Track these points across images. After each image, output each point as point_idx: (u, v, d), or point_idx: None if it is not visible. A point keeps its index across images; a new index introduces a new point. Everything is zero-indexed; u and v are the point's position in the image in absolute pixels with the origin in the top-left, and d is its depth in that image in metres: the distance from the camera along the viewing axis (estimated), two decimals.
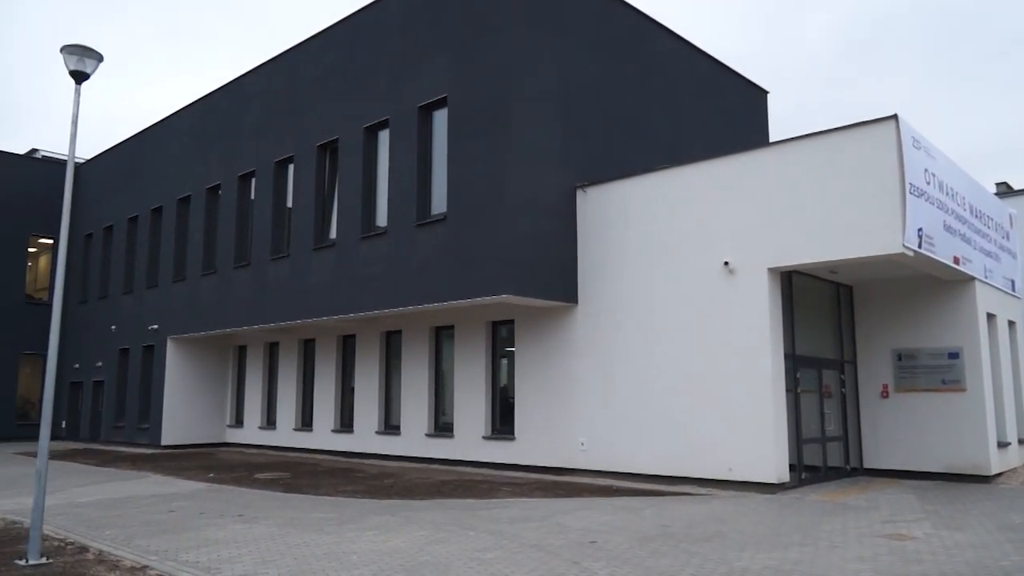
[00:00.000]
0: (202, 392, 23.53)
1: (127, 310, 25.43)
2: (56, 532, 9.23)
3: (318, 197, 18.48)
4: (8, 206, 28.43)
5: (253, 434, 22.63)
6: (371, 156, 17.22)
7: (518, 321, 15.76)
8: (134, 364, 24.59)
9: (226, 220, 21.44)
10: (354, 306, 16.84)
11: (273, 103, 20.34)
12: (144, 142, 26.00)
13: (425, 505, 11.32)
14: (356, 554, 7.86)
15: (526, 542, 8.38)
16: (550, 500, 11.68)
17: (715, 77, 19.72)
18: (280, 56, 20.32)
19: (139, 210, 25.37)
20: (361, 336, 19.37)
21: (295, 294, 18.55)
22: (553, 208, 14.69)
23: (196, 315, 22.07)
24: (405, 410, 17.87)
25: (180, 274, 23.12)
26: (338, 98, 18.12)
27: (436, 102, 15.64)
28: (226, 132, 21.95)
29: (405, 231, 15.81)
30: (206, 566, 7.40)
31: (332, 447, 19.67)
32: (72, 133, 8.95)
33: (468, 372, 16.58)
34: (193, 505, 11.64)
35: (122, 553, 8.05)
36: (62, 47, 8.68)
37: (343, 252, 17.32)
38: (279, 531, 9.25)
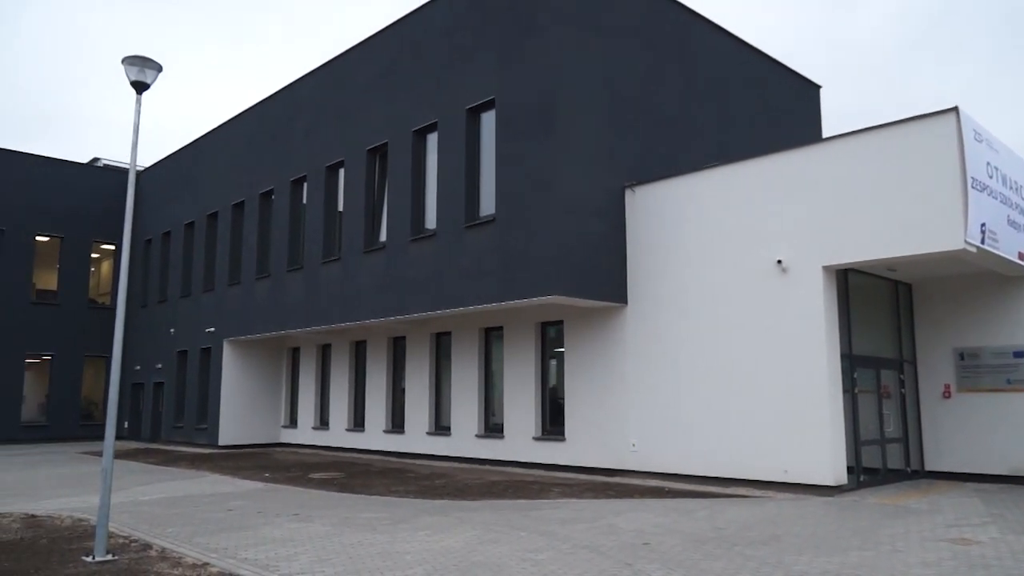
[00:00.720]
0: (257, 393, 24.05)
1: (185, 313, 26.14)
2: (121, 529, 9.51)
3: (368, 200, 18.73)
4: (72, 214, 29.47)
5: (307, 434, 23.03)
6: (420, 159, 17.38)
7: (567, 322, 15.73)
8: (192, 366, 25.25)
9: (279, 224, 21.88)
10: (404, 308, 17.01)
11: (323, 109, 20.68)
12: (200, 149, 26.69)
13: (476, 506, 11.37)
14: (410, 554, 7.93)
15: (578, 543, 8.36)
16: (601, 501, 11.62)
17: (765, 72, 19.40)
18: (330, 63, 20.65)
19: (196, 216, 26.06)
20: (411, 337, 19.56)
21: (346, 297, 18.83)
22: (601, 208, 14.63)
23: (251, 318, 22.57)
24: (455, 411, 17.98)
25: (235, 278, 23.66)
26: (387, 102, 18.33)
27: (483, 104, 15.71)
28: (278, 138, 22.40)
29: (454, 233, 15.91)
30: (264, 564, 7.56)
31: (383, 447, 19.90)
32: (133, 142, 9.23)
33: (517, 373, 16.60)
34: (250, 504, 11.90)
35: (184, 550, 8.27)
36: (123, 59, 8.95)
37: (393, 255, 17.52)
38: (334, 530, 9.39)
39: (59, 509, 11.37)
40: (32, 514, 10.88)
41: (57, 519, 10.48)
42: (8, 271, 27.97)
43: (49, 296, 29.20)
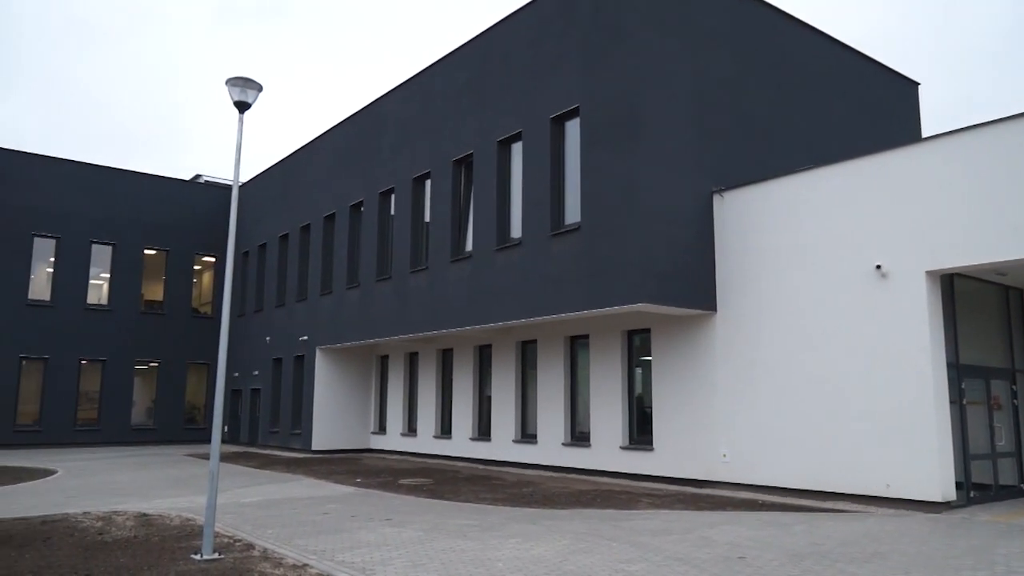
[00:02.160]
0: (348, 400, 24.72)
1: (280, 322, 27.14)
2: (225, 530, 9.93)
3: (454, 211, 19.02)
4: (176, 228, 31.07)
5: (395, 441, 23.51)
6: (505, 169, 17.55)
7: (654, 330, 15.55)
8: (286, 373, 26.17)
9: (368, 235, 22.47)
10: (489, 316, 17.17)
11: (410, 122, 21.15)
12: (293, 164, 27.72)
13: (565, 514, 11.35)
14: (501, 561, 7.99)
15: (670, 555, 8.23)
16: (692, 513, 11.41)
17: (859, 70, 18.72)
18: (416, 76, 21.12)
19: (289, 228, 27.05)
20: (497, 346, 19.72)
21: (433, 305, 19.15)
22: (689, 214, 14.42)
23: (342, 326, 23.24)
24: (541, 419, 18.01)
25: (327, 287, 24.42)
26: (471, 113, 18.60)
27: (568, 112, 15.75)
28: (367, 151, 23.03)
29: (539, 242, 15.97)
30: (360, 567, 7.75)
31: (470, 455, 20.11)
32: (236, 159, 9.67)
33: (604, 381, 16.50)
34: (344, 508, 12.23)
35: (284, 551, 8.57)
36: (227, 80, 9.41)
37: (479, 264, 17.72)
38: (426, 536, 9.55)
39: (168, 509, 11.97)
40: (144, 513, 11.49)
41: (167, 518, 11.04)
42: (120, 283, 29.73)
43: (156, 306, 30.86)
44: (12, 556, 8.41)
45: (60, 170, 29.04)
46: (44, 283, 28.59)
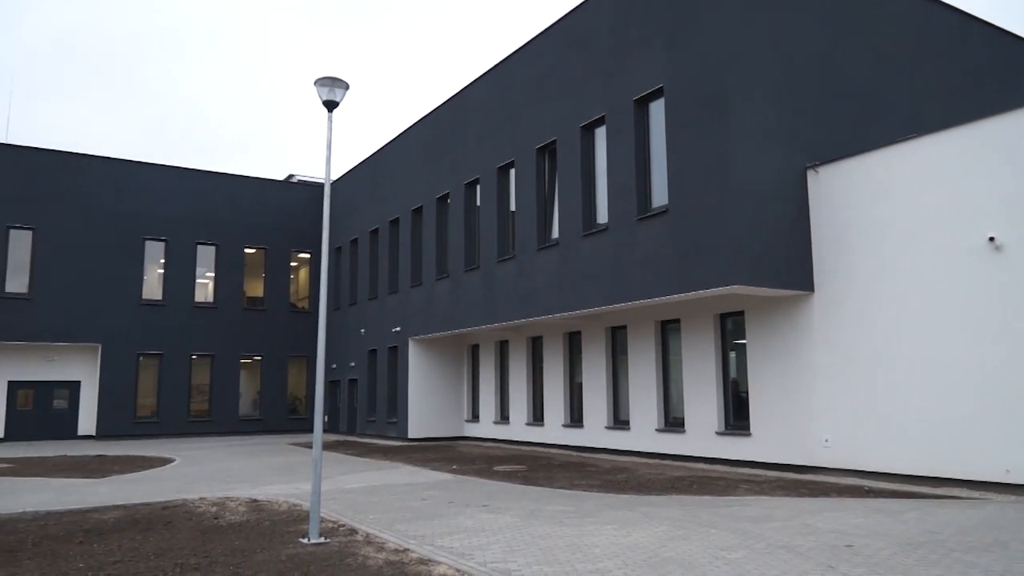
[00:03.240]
0: (442, 388, 25.19)
1: (373, 314, 27.88)
2: (329, 515, 10.31)
3: (539, 198, 19.03)
4: (273, 227, 32.34)
5: (488, 428, 23.81)
6: (588, 154, 17.42)
7: (748, 312, 15.15)
8: (381, 363, 26.88)
9: (455, 226, 22.76)
10: (578, 303, 17.12)
11: (492, 111, 21.26)
12: (380, 159, 28.34)
13: (661, 501, 11.23)
14: (598, 547, 7.98)
15: (773, 542, 8.03)
16: (794, 499, 11.09)
17: (962, 32, 17.59)
18: (497, 66, 21.19)
19: (379, 222, 27.70)
20: (586, 332, 19.66)
21: (521, 294, 19.25)
22: (782, 192, 13.95)
23: (433, 317, 23.66)
24: (634, 405, 17.86)
25: (417, 279, 24.91)
26: (553, 100, 18.54)
27: (651, 93, 15.48)
28: (452, 143, 23.30)
29: (626, 226, 15.80)
30: (460, 552, 7.90)
31: (563, 441, 20.16)
32: (327, 157, 9.96)
33: (697, 366, 16.21)
34: (442, 494, 12.48)
35: (386, 536, 8.83)
36: (315, 80, 9.69)
37: (566, 250, 17.69)
38: (522, 522, 9.64)
39: (276, 495, 12.52)
40: (254, 499, 12.06)
41: (275, 504, 11.54)
42: (224, 281, 31.22)
43: (257, 302, 32.24)
44: (138, 539, 8.98)
45: (166, 176, 30.66)
46: (156, 284, 30.31)
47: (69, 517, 10.53)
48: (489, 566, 7.22)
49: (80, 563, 7.74)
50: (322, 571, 7.21)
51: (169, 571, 7.31)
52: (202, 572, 7.25)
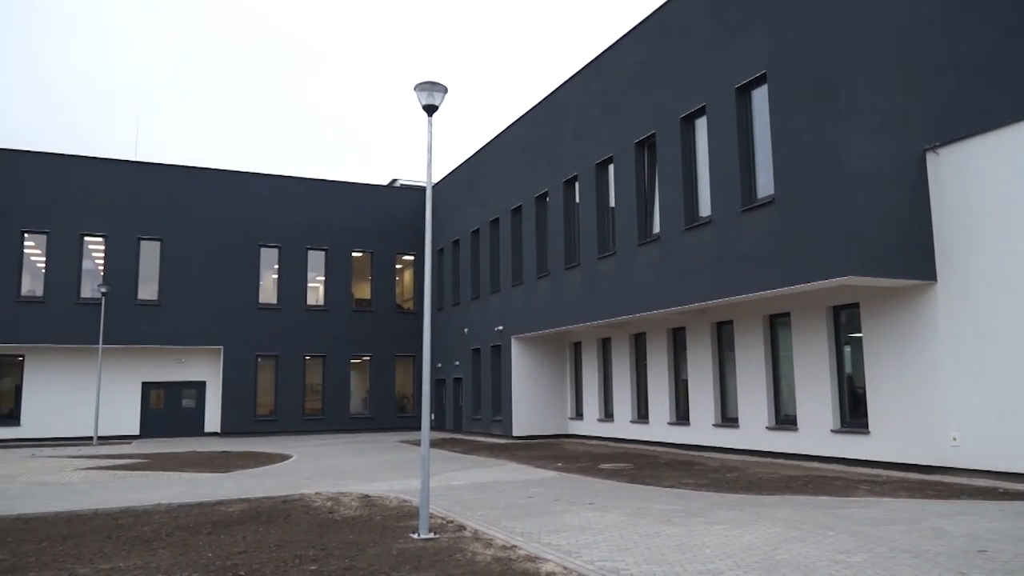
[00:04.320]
0: (545, 386, 25.27)
1: (476, 314, 28.28)
2: (438, 511, 10.52)
3: (639, 193, 18.78)
4: (378, 230, 33.33)
5: (592, 426, 23.70)
6: (689, 146, 17.06)
7: (864, 304, 14.44)
8: (485, 362, 27.22)
9: (555, 224, 22.77)
10: (681, 298, 16.80)
11: (590, 107, 21.14)
12: (479, 161, 28.70)
13: (774, 501, 10.87)
14: (708, 547, 7.80)
15: (896, 546, 7.62)
16: (919, 501, 10.49)
17: None
18: (594, 61, 21.06)
19: (479, 223, 28.07)
20: (691, 328, 19.25)
21: (623, 290, 19.05)
22: (898, 176, 13.21)
23: (534, 315, 23.76)
24: (742, 402, 17.35)
25: (518, 278, 25.07)
26: (651, 93, 18.25)
27: (754, 80, 15.01)
28: (549, 142, 23.32)
29: (730, 218, 15.37)
30: (567, 549, 7.90)
31: (669, 439, 19.82)
32: (428, 160, 10.17)
33: (809, 361, 15.58)
34: (547, 492, 12.51)
35: (494, 533, 8.93)
36: (415, 85, 9.90)
37: (667, 245, 17.38)
38: (629, 520, 9.54)
39: (386, 491, 12.89)
40: (366, 494, 12.46)
41: (386, 499, 11.89)
42: (333, 285, 32.43)
43: (365, 304, 33.32)
44: (260, 530, 9.45)
45: (278, 185, 32.15)
46: (271, 288, 31.84)
47: (198, 509, 11.19)
48: (597, 564, 7.19)
49: (209, 552, 8.21)
50: (432, 566, 7.36)
51: (289, 562, 7.65)
52: (319, 564, 7.54)
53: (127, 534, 9.35)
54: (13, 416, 28.32)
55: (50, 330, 28.03)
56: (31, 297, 28.28)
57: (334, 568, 7.33)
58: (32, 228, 28.38)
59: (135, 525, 9.96)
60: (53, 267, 28.52)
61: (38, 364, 28.74)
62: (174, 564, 7.67)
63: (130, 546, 8.65)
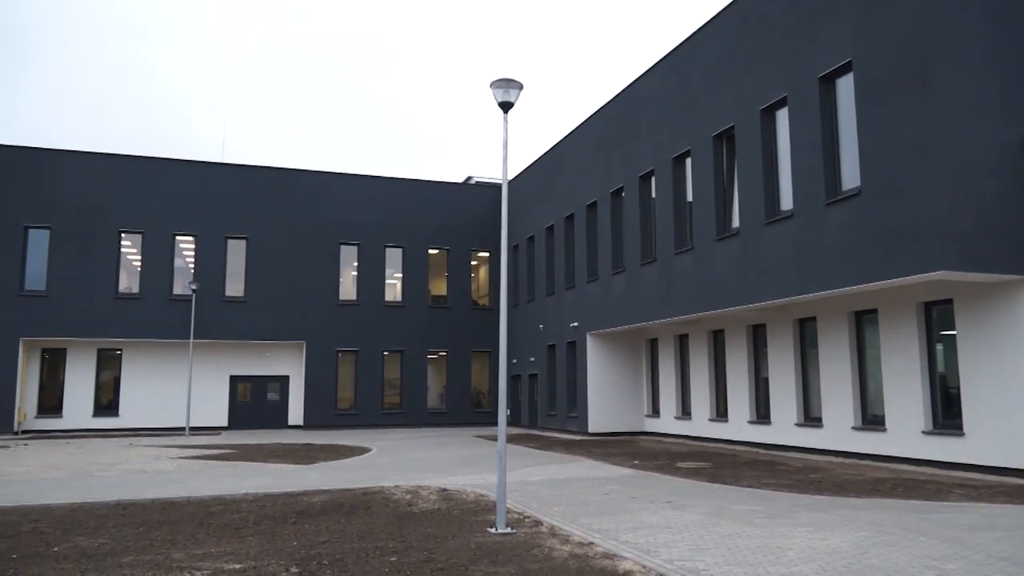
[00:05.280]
0: (621, 383, 25.08)
1: (550, 310, 28.28)
2: (515, 506, 10.58)
3: (717, 187, 18.41)
4: (454, 228, 33.71)
5: (669, 424, 23.39)
6: (769, 138, 16.62)
7: (957, 300, 13.77)
8: (560, 359, 27.21)
9: (630, 220, 22.56)
10: (761, 294, 16.39)
11: (666, 101, 20.83)
12: (554, 157, 28.67)
13: (861, 504, 10.50)
14: (792, 550, 7.60)
15: (995, 554, 7.25)
16: (1019, 507, 9.95)
17: None
18: (671, 54, 20.74)
19: (554, 219, 28.04)
20: (772, 325, 18.76)
21: (700, 286, 18.72)
22: (995, 166, 12.54)
23: (609, 311, 23.60)
24: (826, 401, 16.81)
25: (593, 274, 24.95)
26: (730, 85, 17.85)
27: (838, 69, 14.51)
28: (625, 136, 23.10)
29: (813, 212, 14.91)
30: (645, 548, 7.82)
31: (749, 438, 19.38)
32: (503, 157, 10.22)
33: (898, 359, 14.97)
34: (624, 489, 12.42)
35: (570, 529, 8.92)
36: (491, 82, 9.95)
37: (747, 240, 16.99)
38: (708, 520, 9.38)
39: (463, 485, 13.04)
40: (444, 488, 12.64)
41: (463, 493, 12.03)
42: (410, 281, 33.00)
43: (441, 301, 33.77)
44: (342, 521, 9.71)
45: (357, 184, 32.90)
46: (351, 285, 32.63)
47: (283, 499, 11.57)
48: (676, 564, 7.09)
49: (294, 541, 8.48)
50: (510, 560, 7.41)
51: (370, 553, 7.83)
52: (399, 556, 7.70)
53: (218, 521, 9.76)
54: (112, 407, 29.95)
55: (145, 325, 29.48)
56: (128, 294, 29.79)
57: (414, 560, 7.47)
58: (128, 228, 29.88)
59: (225, 513, 10.38)
60: (147, 265, 29.98)
61: (135, 358, 30.28)
62: (262, 551, 7.96)
63: (221, 533, 9.02)
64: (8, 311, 28.07)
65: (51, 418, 29.15)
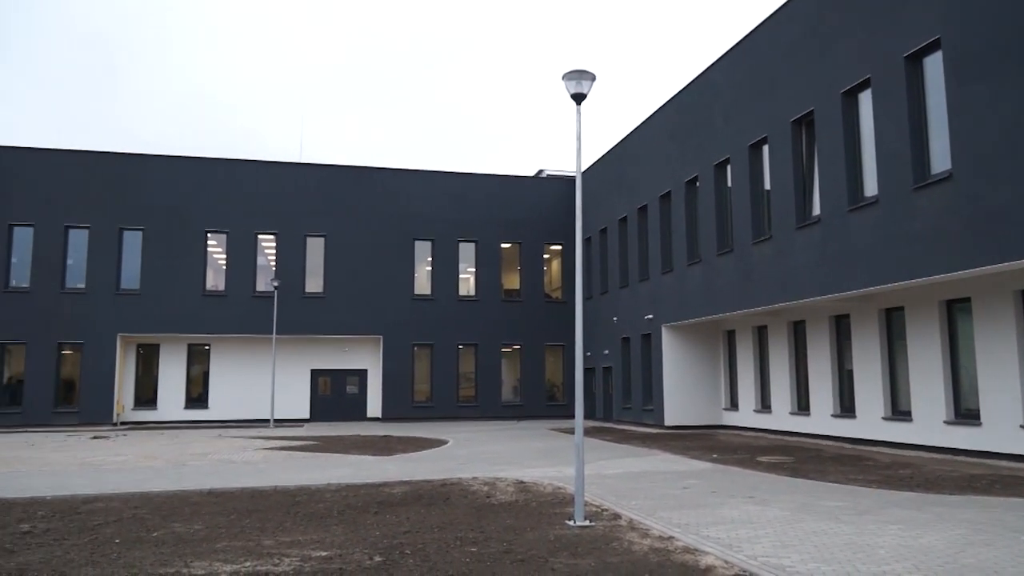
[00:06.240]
0: (697, 376, 24.68)
1: (624, 302, 28.05)
2: (592, 499, 10.55)
3: (796, 174, 17.89)
4: (526, 221, 33.76)
5: (748, 417, 22.90)
6: (851, 122, 16.04)
7: None
8: (635, 351, 26.96)
9: (705, 210, 22.15)
10: (845, 284, 15.87)
11: (741, 87, 20.34)
12: (626, 148, 28.38)
13: (955, 501, 10.06)
14: (883, 548, 7.34)
15: None
16: None
17: None
18: (745, 38, 20.24)
19: (627, 211, 27.77)
20: (856, 315, 18.13)
21: (780, 276, 18.25)
22: None
23: (685, 303, 23.25)
24: (916, 394, 16.15)
25: (668, 265, 24.61)
26: (808, 69, 17.29)
27: (925, 48, 13.87)
28: (699, 125, 22.67)
29: (899, 197, 14.32)
30: (727, 543, 7.69)
31: (832, 432, 18.81)
32: (577, 149, 10.18)
33: (995, 350, 14.25)
34: (703, 483, 12.24)
35: (650, 523, 8.84)
36: (563, 74, 9.92)
37: (829, 227, 16.45)
38: (792, 515, 9.16)
39: (540, 477, 13.08)
40: (521, 480, 12.71)
41: (540, 486, 12.07)
42: (485, 276, 33.24)
43: (514, 294, 33.92)
44: (422, 512, 9.89)
45: (430, 180, 33.33)
46: (425, 280, 33.12)
47: (364, 490, 11.85)
48: (760, 560, 6.95)
49: (376, 531, 8.68)
50: (589, 553, 7.41)
51: (451, 543, 7.95)
52: (479, 547, 7.79)
53: (303, 510, 10.08)
54: (202, 400, 31.27)
55: (231, 321, 30.64)
56: (214, 291, 31.02)
57: (493, 551, 7.54)
58: (213, 228, 31.10)
59: (309, 502, 10.71)
60: (232, 264, 31.14)
61: (222, 353, 31.53)
62: (346, 540, 8.18)
63: (307, 521, 9.31)
64: (106, 309, 29.62)
65: (146, 410, 30.66)
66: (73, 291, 29.68)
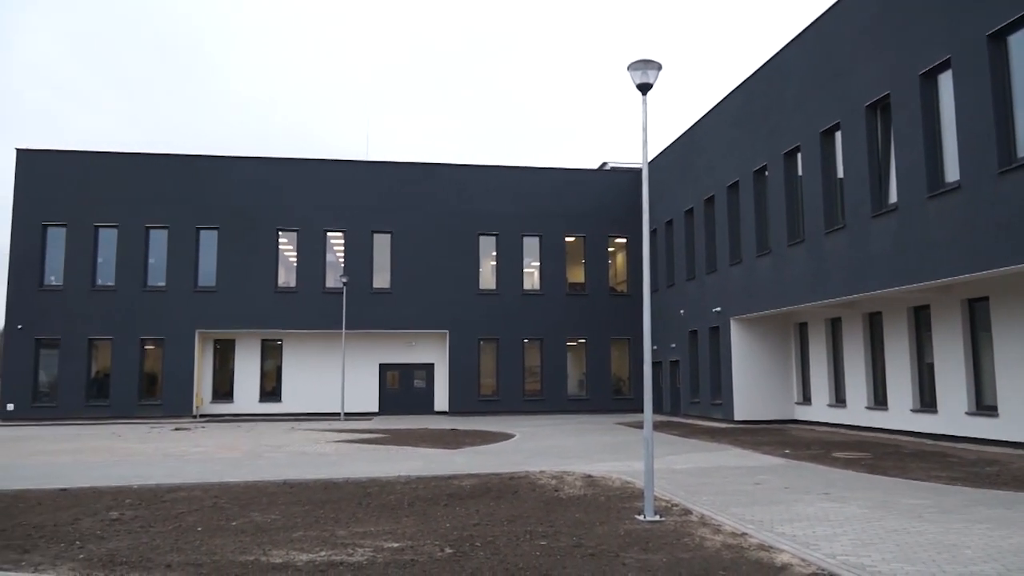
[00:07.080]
0: (768, 369, 24.14)
1: (692, 295, 27.61)
2: (662, 494, 10.44)
3: (871, 160, 17.28)
4: (590, 214, 33.58)
5: (822, 412, 22.28)
6: (930, 104, 15.39)
7: None
8: (703, 344, 26.53)
9: (775, 199, 21.60)
10: (924, 274, 15.26)
11: (811, 73, 19.75)
12: (691, 138, 27.90)
13: None
14: (969, 548, 7.05)
15: None
16: None
17: None
18: (817, 21, 19.64)
19: (693, 202, 27.31)
20: (936, 306, 17.42)
21: (854, 266, 17.67)
22: None
23: (755, 295, 22.74)
24: (1002, 389, 15.43)
25: (736, 257, 24.11)
26: (882, 51, 16.66)
27: (1010, 25, 13.19)
28: (768, 112, 22.12)
29: (983, 182, 13.68)
30: (803, 541, 7.50)
31: (911, 427, 18.14)
32: (643, 140, 10.06)
33: None
34: (776, 479, 11.97)
35: (722, 519, 8.70)
36: (628, 65, 9.81)
37: (907, 216, 15.84)
38: (871, 513, 8.87)
39: (608, 471, 13.02)
40: (589, 474, 12.67)
41: (608, 480, 12.01)
42: (548, 269, 33.21)
43: (579, 288, 33.78)
44: (491, 505, 9.95)
45: (494, 175, 33.50)
46: (490, 275, 33.30)
47: (434, 482, 12.01)
48: (839, 559, 6.76)
49: (447, 523, 8.78)
50: (660, 548, 7.33)
51: (520, 536, 7.98)
52: (548, 540, 7.79)
53: (375, 502, 10.27)
54: (276, 394, 32.19)
55: (302, 317, 31.45)
56: (286, 288, 31.87)
57: (563, 545, 7.54)
58: (284, 226, 31.93)
59: (381, 494, 10.90)
60: (302, 261, 31.93)
61: (294, 348, 32.39)
62: (417, 532, 8.30)
63: (379, 513, 9.49)
64: (185, 306, 30.79)
65: (223, 403, 31.75)
66: (154, 289, 30.96)
